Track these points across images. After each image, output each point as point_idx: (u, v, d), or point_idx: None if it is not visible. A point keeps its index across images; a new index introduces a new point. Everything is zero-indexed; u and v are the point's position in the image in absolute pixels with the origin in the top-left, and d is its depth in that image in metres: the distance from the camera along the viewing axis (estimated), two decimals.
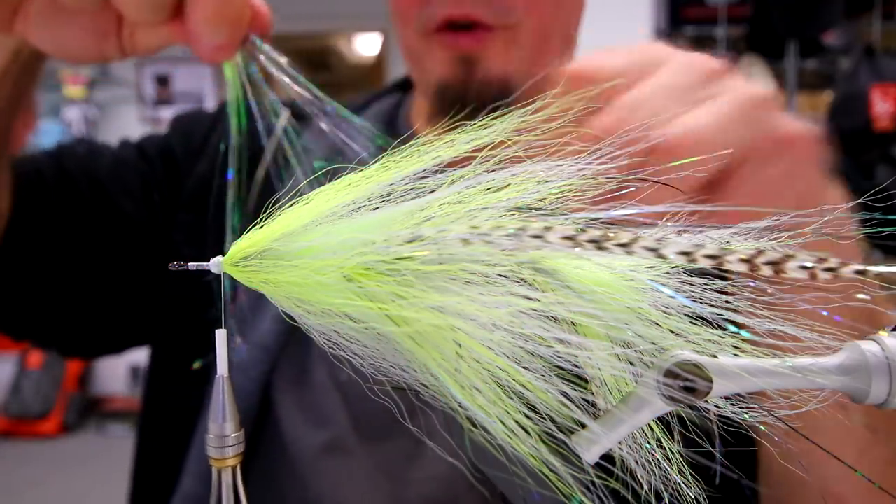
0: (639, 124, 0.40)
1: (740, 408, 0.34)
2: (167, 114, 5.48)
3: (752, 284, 0.34)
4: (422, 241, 0.32)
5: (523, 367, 0.33)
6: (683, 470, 0.36)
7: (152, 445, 0.96)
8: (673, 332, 0.33)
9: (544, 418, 0.33)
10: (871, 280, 0.30)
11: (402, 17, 0.85)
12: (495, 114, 0.38)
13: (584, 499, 0.34)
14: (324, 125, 0.65)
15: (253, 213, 0.40)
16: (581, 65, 0.53)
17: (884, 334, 0.31)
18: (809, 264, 0.30)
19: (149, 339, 1.01)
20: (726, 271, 0.31)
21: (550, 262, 0.34)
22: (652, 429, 0.36)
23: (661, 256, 0.30)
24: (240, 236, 0.37)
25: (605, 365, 0.34)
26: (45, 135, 5.16)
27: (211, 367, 0.38)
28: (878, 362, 0.30)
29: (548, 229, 0.31)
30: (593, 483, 0.35)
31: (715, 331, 0.33)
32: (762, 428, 0.34)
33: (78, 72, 5.36)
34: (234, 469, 0.38)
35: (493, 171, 0.35)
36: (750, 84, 0.54)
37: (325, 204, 0.36)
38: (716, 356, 0.30)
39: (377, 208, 0.36)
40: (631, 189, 0.35)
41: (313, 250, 0.35)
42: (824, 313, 0.34)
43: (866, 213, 0.35)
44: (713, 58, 0.55)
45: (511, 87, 0.80)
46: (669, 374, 0.30)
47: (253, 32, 0.63)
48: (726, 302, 0.34)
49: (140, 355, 1.04)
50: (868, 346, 0.31)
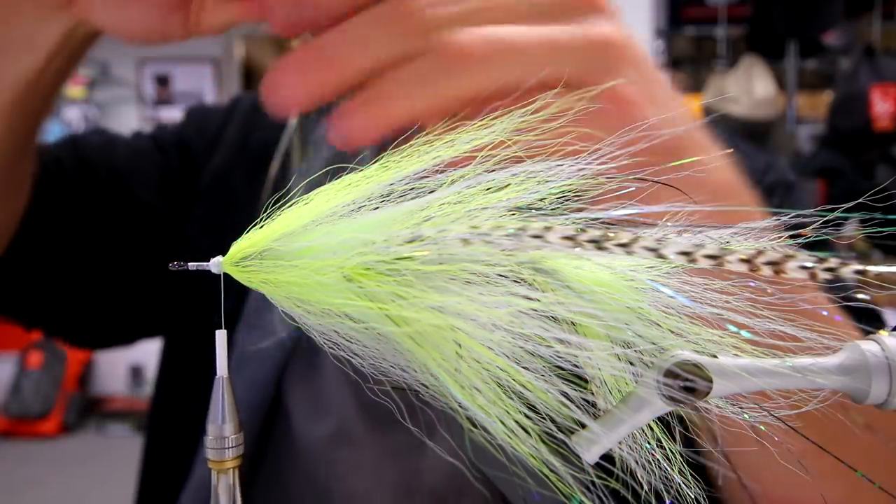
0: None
1: (740, 408, 0.34)
2: (167, 114, 5.49)
3: (752, 284, 0.34)
4: (422, 241, 0.32)
5: (523, 367, 0.33)
6: (684, 470, 0.36)
7: (163, 437, 0.95)
8: (673, 332, 0.33)
9: (544, 418, 0.33)
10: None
11: None
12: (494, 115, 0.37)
13: (584, 499, 0.34)
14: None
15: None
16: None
17: (884, 334, 0.31)
18: (809, 264, 0.30)
19: (159, 331, 1.01)
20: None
21: (550, 262, 0.34)
22: (652, 429, 0.36)
23: (661, 256, 0.30)
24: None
25: (605, 365, 0.34)
26: (45, 135, 5.15)
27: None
28: (878, 362, 0.30)
29: (548, 229, 0.31)
30: (593, 483, 0.35)
31: (715, 331, 0.33)
32: (762, 428, 0.34)
33: (78, 72, 5.36)
34: (233, 472, 0.37)
35: (493, 171, 0.35)
36: (613, 27, 0.52)
37: (325, 204, 0.36)
38: (716, 356, 0.30)
39: (377, 208, 0.36)
40: (630, 189, 0.35)
41: (313, 250, 0.35)
42: (824, 313, 0.34)
43: (866, 213, 0.35)
44: None
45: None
46: (669, 374, 0.30)
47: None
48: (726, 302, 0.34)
49: (140, 355, 1.05)
50: (868, 346, 0.31)
